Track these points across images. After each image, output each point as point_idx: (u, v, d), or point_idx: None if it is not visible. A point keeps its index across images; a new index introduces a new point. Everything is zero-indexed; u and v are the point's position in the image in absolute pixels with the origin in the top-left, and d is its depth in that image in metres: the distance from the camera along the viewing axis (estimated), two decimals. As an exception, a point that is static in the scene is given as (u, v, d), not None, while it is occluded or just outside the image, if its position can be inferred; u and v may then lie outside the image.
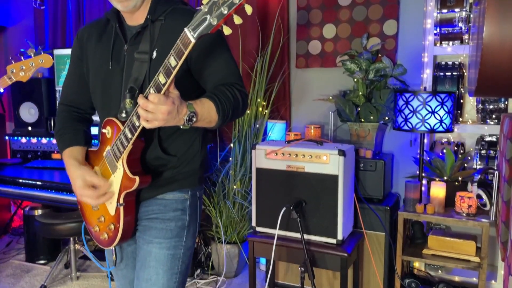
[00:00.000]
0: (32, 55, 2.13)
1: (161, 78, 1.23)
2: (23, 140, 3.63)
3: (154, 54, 1.44)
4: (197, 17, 1.14)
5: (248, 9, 1.10)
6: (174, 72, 1.21)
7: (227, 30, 1.16)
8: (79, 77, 1.62)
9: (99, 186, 1.46)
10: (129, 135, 1.37)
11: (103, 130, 1.49)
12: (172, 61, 1.21)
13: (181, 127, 1.31)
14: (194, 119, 1.29)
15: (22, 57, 2.11)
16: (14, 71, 2.09)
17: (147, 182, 1.46)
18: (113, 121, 1.45)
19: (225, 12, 1.10)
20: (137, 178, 1.41)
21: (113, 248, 1.60)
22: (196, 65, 1.47)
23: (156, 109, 1.21)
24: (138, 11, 1.48)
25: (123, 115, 1.42)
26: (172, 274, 1.54)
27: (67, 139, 1.59)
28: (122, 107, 1.42)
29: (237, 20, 1.12)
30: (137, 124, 1.33)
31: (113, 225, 1.50)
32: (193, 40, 1.15)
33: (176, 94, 1.26)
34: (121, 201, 1.47)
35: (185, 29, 1.16)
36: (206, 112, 1.34)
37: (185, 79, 1.46)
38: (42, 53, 2.14)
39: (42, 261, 3.63)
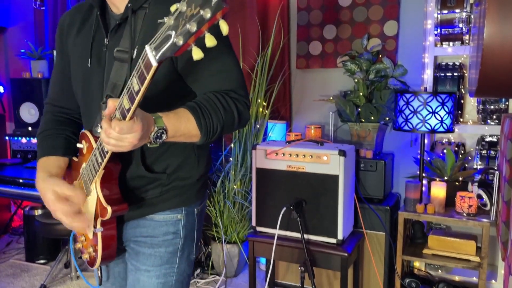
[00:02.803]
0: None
1: (125, 103, 0.98)
2: (23, 140, 3.63)
3: (135, 53, 1.16)
4: (161, 31, 0.87)
5: (224, 28, 0.82)
6: (138, 98, 0.95)
7: (197, 54, 0.86)
8: (62, 72, 1.39)
9: (73, 198, 1.22)
10: (99, 159, 1.15)
11: (78, 145, 1.28)
12: (135, 84, 0.95)
13: (148, 145, 1.07)
14: (164, 136, 1.05)
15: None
16: None
17: (122, 210, 1.23)
18: (87, 136, 1.24)
19: (194, 29, 0.82)
20: (109, 208, 1.18)
21: (98, 267, 1.39)
22: (186, 67, 1.19)
23: (121, 138, 0.99)
24: None
25: (98, 130, 1.13)
26: None
27: (44, 146, 1.37)
28: (98, 120, 1.17)
29: (210, 41, 0.84)
30: (106, 149, 1.09)
31: (92, 248, 1.29)
32: (154, 64, 0.88)
33: (140, 112, 1.01)
34: (98, 226, 1.23)
35: (147, 47, 0.89)
36: (184, 126, 1.09)
37: (172, 81, 1.21)
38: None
39: (42, 261, 3.63)
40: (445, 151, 2.69)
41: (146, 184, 1.29)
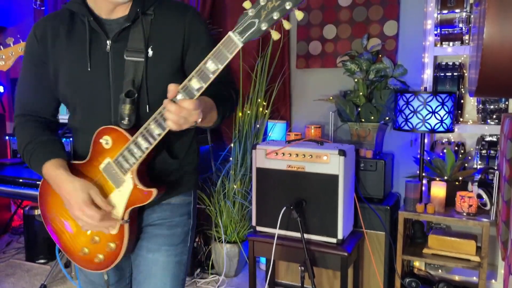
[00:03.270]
0: (11, 44, 2.12)
1: (194, 83, 1.13)
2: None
3: (150, 52, 1.31)
4: (243, 21, 1.08)
5: (299, 16, 1.09)
6: (212, 78, 1.13)
7: (276, 35, 1.10)
8: (41, 81, 1.38)
9: (104, 207, 1.28)
10: (144, 145, 1.23)
11: (101, 140, 1.30)
12: (210, 65, 1.12)
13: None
14: (200, 118, 1.18)
15: (1, 47, 2.11)
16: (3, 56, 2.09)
17: (161, 192, 1.32)
18: (115, 130, 1.29)
19: (276, 17, 1.06)
20: (155, 190, 1.28)
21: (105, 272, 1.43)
22: (192, 57, 1.36)
23: (189, 114, 1.13)
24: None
25: (125, 122, 1.28)
26: (179, 281, 1.46)
27: (47, 152, 1.34)
28: (122, 113, 1.28)
29: (287, 25, 1.09)
30: (157, 132, 1.21)
31: (113, 244, 1.34)
32: (240, 45, 1.10)
33: None
34: (126, 217, 1.31)
35: (230, 33, 1.10)
36: (209, 111, 1.25)
37: (176, 79, 1.31)
38: (21, 41, 2.13)
39: (42, 261, 3.63)
40: (445, 150, 2.69)
41: (168, 169, 1.39)
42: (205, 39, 1.38)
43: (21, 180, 3.11)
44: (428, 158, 2.76)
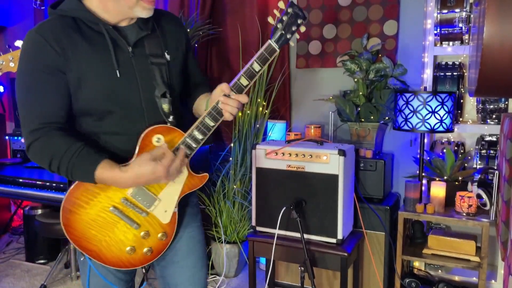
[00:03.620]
0: (20, 46, 2.12)
1: (243, 81, 1.41)
2: (23, 140, 3.63)
3: (167, 56, 1.50)
4: (276, 33, 1.44)
5: (302, 29, 1.50)
6: (257, 76, 1.42)
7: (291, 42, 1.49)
8: (58, 90, 1.39)
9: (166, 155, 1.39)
10: (200, 137, 1.43)
11: (153, 139, 1.41)
12: (256, 66, 1.41)
13: None
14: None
15: (10, 49, 2.11)
16: (3, 62, 2.09)
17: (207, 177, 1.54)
18: (167, 128, 1.43)
19: (294, 29, 1.46)
20: (207, 174, 1.51)
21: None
22: (190, 61, 1.64)
23: (241, 105, 1.42)
24: None
25: (171, 119, 1.46)
26: (205, 253, 1.70)
27: (92, 156, 1.36)
28: (167, 112, 1.46)
29: (302, 28, 1.49)
30: (212, 124, 1.42)
31: (164, 234, 1.48)
32: (278, 50, 1.43)
33: None
34: (177, 205, 1.48)
35: (270, 41, 1.42)
36: None
37: (182, 75, 1.60)
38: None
39: (42, 261, 3.64)
40: (444, 150, 2.69)
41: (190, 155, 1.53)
42: (189, 42, 1.64)
43: (21, 180, 3.11)
44: (428, 158, 2.76)
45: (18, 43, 2.11)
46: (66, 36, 1.37)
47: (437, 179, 2.68)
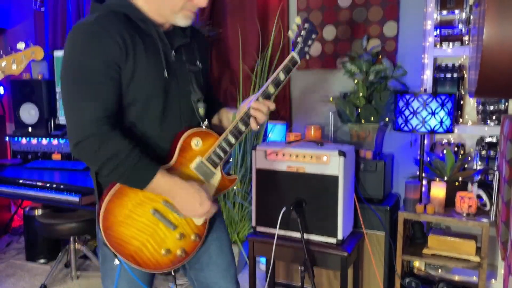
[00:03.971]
0: (23, 49, 2.10)
1: (271, 89, 1.52)
2: (24, 141, 3.63)
3: (199, 64, 1.59)
4: (297, 46, 1.56)
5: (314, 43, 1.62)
6: (282, 84, 1.53)
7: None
8: (117, 84, 1.38)
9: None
10: (233, 141, 1.51)
11: (192, 142, 1.49)
12: (281, 75, 1.53)
13: None
14: None
15: (12, 52, 2.10)
16: (6, 65, 2.07)
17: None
18: (205, 132, 1.52)
19: (310, 43, 1.59)
20: (236, 176, 1.61)
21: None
22: (207, 71, 1.71)
23: (268, 114, 1.52)
24: None
25: (206, 123, 1.55)
26: (232, 251, 1.74)
27: (151, 162, 1.39)
28: (202, 116, 1.55)
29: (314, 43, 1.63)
30: (243, 129, 1.51)
31: (197, 235, 1.52)
32: (299, 61, 1.56)
33: None
34: None
35: (293, 53, 1.55)
36: None
37: (206, 79, 1.67)
38: (32, 46, 2.12)
39: (42, 261, 3.64)
40: (444, 151, 2.69)
41: None
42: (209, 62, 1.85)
43: (21, 181, 3.11)
44: (428, 159, 2.76)
45: (21, 45, 2.09)
46: (125, 31, 1.37)
47: (437, 179, 2.69)
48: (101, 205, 1.40)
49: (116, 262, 1.47)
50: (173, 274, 1.58)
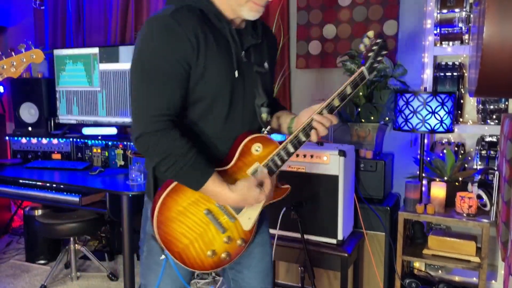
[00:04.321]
0: (23, 51, 2.08)
1: (336, 102, 1.46)
2: (23, 140, 3.63)
3: (266, 66, 1.53)
4: (368, 62, 1.49)
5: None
6: (348, 99, 1.48)
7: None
8: (185, 83, 1.37)
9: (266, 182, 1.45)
10: (291, 150, 1.47)
11: (253, 147, 1.46)
12: (348, 89, 1.47)
13: None
14: None
15: (13, 53, 2.07)
16: (5, 67, 2.04)
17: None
18: (266, 138, 1.48)
19: (379, 59, 1.50)
20: (289, 186, 1.57)
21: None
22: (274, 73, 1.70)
23: (330, 126, 1.47)
24: None
25: (267, 129, 1.52)
26: (272, 257, 1.74)
27: (206, 165, 1.38)
28: (265, 121, 1.51)
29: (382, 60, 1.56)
30: (303, 139, 1.47)
31: (243, 240, 1.50)
32: (368, 77, 1.49)
33: None
34: (259, 214, 1.51)
35: (363, 68, 1.48)
36: None
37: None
38: (33, 48, 2.09)
39: (42, 261, 3.64)
40: (445, 151, 2.68)
41: None
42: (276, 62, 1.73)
43: (21, 181, 3.11)
44: (428, 158, 2.75)
45: (21, 47, 2.07)
46: (200, 28, 1.35)
47: (437, 179, 2.68)
48: (157, 200, 1.40)
49: (163, 256, 1.46)
50: (213, 275, 1.60)
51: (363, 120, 2.89)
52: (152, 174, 1.48)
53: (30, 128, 3.65)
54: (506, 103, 2.71)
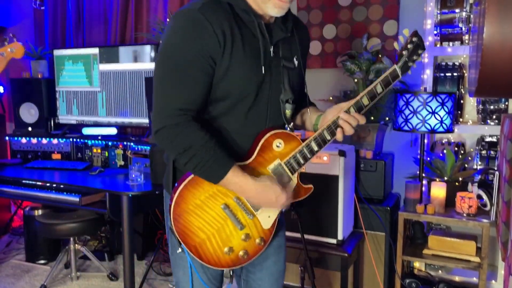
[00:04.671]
0: (6, 43, 2.04)
1: (365, 101, 1.42)
2: (23, 140, 3.63)
3: (295, 62, 1.49)
4: (401, 60, 1.45)
5: (418, 58, 1.49)
6: (378, 97, 1.43)
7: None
8: (208, 78, 1.35)
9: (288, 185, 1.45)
10: (316, 148, 1.44)
11: (275, 142, 1.42)
12: (378, 88, 1.43)
13: None
14: None
15: (5, 43, 2.03)
16: (4, 54, 2.00)
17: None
18: (288, 134, 1.44)
19: (415, 58, 1.46)
20: (312, 186, 1.53)
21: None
22: (304, 68, 1.62)
23: (355, 127, 1.42)
24: None
25: (291, 126, 1.48)
26: (285, 261, 1.70)
27: (226, 157, 1.35)
28: (288, 118, 1.46)
29: (419, 58, 1.49)
30: (328, 138, 1.43)
31: (262, 239, 1.47)
32: (400, 76, 1.45)
33: None
34: (280, 212, 1.49)
35: (396, 66, 1.44)
36: None
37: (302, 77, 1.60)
38: (15, 41, 2.05)
39: (42, 261, 3.64)
40: (445, 151, 2.68)
41: None
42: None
43: (21, 181, 3.11)
44: (428, 158, 2.75)
45: (5, 40, 2.03)
46: (227, 23, 1.33)
47: (437, 179, 2.68)
48: (175, 191, 1.39)
49: (179, 250, 1.45)
50: (231, 274, 1.59)
51: (363, 120, 2.88)
52: (172, 166, 1.47)
53: (30, 128, 3.65)
54: (506, 103, 2.71)
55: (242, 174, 1.35)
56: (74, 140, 3.51)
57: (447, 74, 2.82)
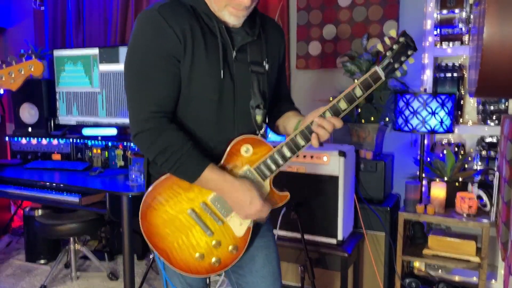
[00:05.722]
0: (24, 60, 2.02)
1: (342, 104, 1.34)
2: (23, 141, 3.63)
3: (266, 66, 1.45)
4: (384, 61, 1.35)
5: (411, 60, 1.39)
6: (357, 102, 1.35)
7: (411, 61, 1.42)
8: (174, 79, 1.35)
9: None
10: (288, 154, 1.38)
11: (242, 148, 1.39)
12: (358, 91, 1.34)
13: None
14: None
15: (13, 62, 2.01)
16: (3, 77, 1.97)
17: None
18: (257, 139, 1.41)
19: (403, 59, 1.36)
20: (288, 194, 1.47)
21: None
22: (280, 70, 1.60)
23: (333, 130, 1.35)
24: None
25: (262, 131, 1.45)
26: (280, 263, 1.67)
27: (202, 156, 1.35)
28: (259, 124, 1.44)
29: (411, 60, 1.40)
30: (302, 143, 1.37)
31: (234, 247, 1.44)
32: (383, 78, 1.35)
33: None
34: (252, 221, 1.45)
35: (376, 68, 1.34)
36: None
37: (276, 80, 1.57)
38: (34, 57, 2.04)
39: (42, 261, 3.64)
40: (445, 151, 2.69)
41: None
42: (283, 56, 1.59)
43: (21, 181, 3.11)
44: (428, 159, 2.76)
45: (22, 56, 2.02)
46: (187, 23, 1.32)
47: (437, 180, 2.68)
48: (144, 195, 1.41)
49: (152, 255, 1.47)
50: (207, 282, 1.56)
51: (363, 121, 2.89)
52: (146, 171, 1.48)
53: (30, 129, 3.65)
54: (506, 103, 2.71)
55: (220, 170, 1.35)
56: (74, 140, 3.51)
57: (447, 75, 2.83)
